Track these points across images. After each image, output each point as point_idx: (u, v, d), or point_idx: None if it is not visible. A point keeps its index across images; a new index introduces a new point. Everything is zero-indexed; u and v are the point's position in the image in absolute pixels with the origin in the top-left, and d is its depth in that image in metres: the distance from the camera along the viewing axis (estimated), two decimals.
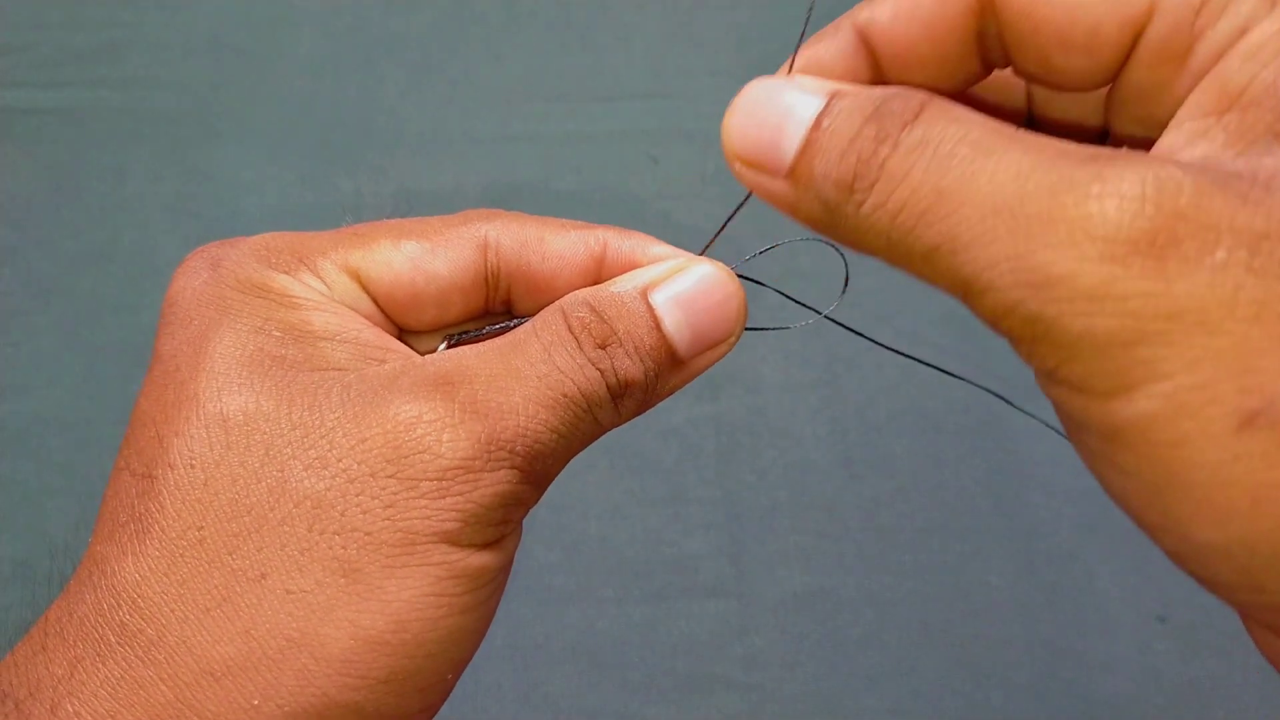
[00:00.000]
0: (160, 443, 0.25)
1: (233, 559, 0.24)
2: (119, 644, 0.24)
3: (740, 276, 0.30)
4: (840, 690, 0.57)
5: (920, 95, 0.23)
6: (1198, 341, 0.19)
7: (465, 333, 0.30)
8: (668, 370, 0.29)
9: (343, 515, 0.24)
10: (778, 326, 0.32)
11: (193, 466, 0.25)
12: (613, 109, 0.73)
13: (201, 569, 0.24)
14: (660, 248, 0.30)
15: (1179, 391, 0.19)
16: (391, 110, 0.74)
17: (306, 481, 0.25)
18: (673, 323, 0.28)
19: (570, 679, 0.57)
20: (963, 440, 0.62)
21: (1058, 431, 0.32)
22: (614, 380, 0.27)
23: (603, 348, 0.27)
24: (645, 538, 0.60)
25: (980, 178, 0.21)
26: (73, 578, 0.26)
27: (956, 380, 0.34)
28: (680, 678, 0.57)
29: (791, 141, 0.24)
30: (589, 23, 0.76)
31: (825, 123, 0.23)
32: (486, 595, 0.27)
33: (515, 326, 0.29)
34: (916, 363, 0.34)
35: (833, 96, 0.24)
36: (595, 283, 0.29)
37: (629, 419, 0.29)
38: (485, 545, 0.26)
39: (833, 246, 0.31)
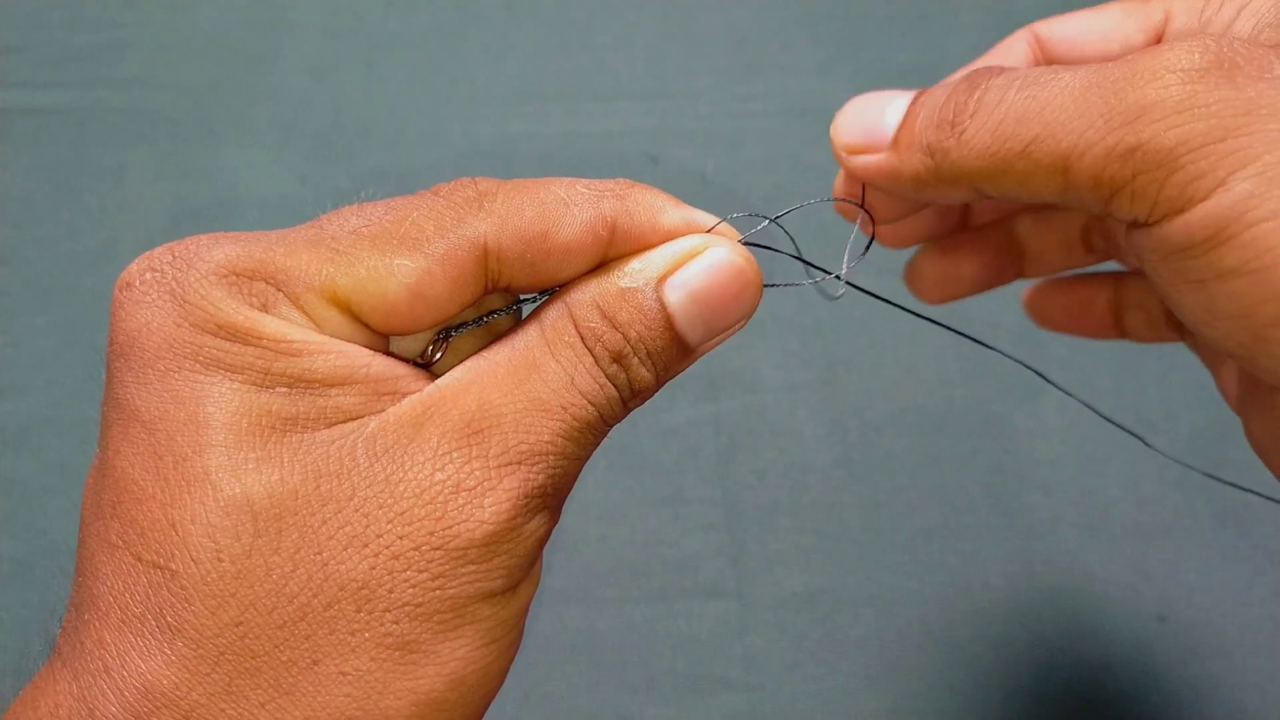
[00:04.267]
0: (175, 530, 0.24)
1: (280, 651, 0.24)
2: None
3: (753, 245, 0.29)
4: (840, 690, 0.57)
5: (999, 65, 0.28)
6: (1274, 127, 0.23)
7: (462, 325, 0.29)
8: (677, 363, 0.28)
9: (391, 593, 0.24)
10: (790, 283, 0.32)
11: (220, 560, 0.24)
12: (613, 109, 0.73)
13: (248, 665, 0.23)
14: (672, 215, 0.28)
15: (1270, 166, 0.23)
16: (391, 110, 0.74)
17: (348, 563, 0.24)
18: (686, 318, 0.27)
19: (570, 679, 0.57)
20: (963, 440, 0.62)
21: (1068, 393, 0.40)
22: (628, 392, 0.27)
23: (617, 361, 0.27)
24: (645, 538, 0.60)
25: (1065, 75, 0.26)
26: (72, 655, 0.24)
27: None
28: (680, 678, 0.57)
29: (893, 118, 0.30)
30: (589, 23, 0.76)
31: (920, 98, 0.29)
32: (525, 620, 0.27)
33: (516, 311, 0.29)
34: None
35: (920, 92, 0.30)
36: (602, 259, 0.28)
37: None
38: (521, 580, 0.27)
39: (857, 205, 0.34)
